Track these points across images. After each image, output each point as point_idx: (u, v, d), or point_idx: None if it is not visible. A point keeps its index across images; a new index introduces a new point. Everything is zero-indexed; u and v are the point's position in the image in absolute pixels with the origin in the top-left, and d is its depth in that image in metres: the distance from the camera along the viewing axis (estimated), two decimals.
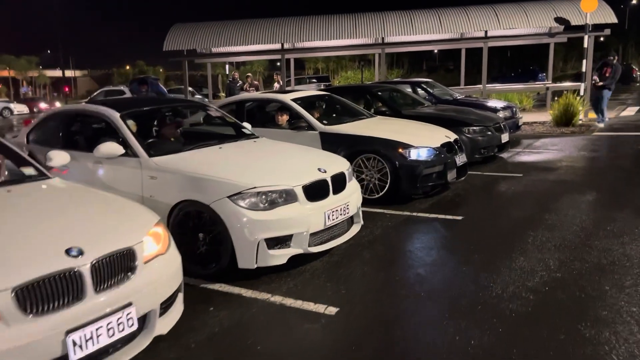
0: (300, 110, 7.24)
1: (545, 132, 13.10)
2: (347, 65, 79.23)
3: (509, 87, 18.80)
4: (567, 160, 8.99)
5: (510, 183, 7.48)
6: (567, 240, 4.87)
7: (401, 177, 6.46)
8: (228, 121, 6.15)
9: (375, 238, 5.28)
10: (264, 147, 5.36)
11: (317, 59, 72.69)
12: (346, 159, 6.67)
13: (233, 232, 4.20)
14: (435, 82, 13.23)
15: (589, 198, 6.38)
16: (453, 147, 7.03)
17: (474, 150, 8.66)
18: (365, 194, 6.72)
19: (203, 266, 4.42)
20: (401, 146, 6.53)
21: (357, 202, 5.07)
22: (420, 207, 6.38)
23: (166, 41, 16.05)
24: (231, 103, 8.00)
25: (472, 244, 4.97)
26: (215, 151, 5.00)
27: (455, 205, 6.44)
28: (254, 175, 4.42)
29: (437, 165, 6.64)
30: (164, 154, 4.85)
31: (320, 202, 4.54)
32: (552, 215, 5.70)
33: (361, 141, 6.75)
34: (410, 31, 15.66)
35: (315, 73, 72.74)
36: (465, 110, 9.59)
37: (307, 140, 7.01)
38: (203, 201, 4.28)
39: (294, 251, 4.39)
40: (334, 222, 4.64)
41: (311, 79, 37.57)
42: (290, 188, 4.38)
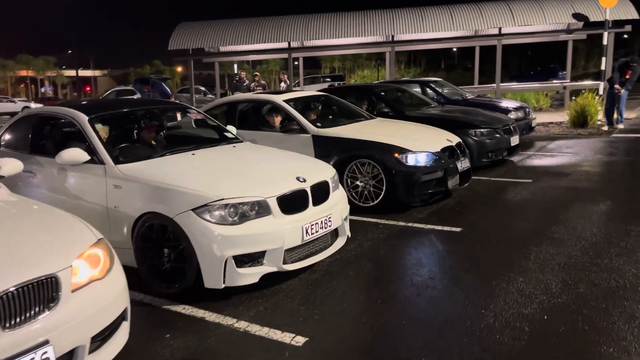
0: (292, 112, 6.84)
1: (561, 133, 12.51)
2: (364, 64, 78.81)
3: (524, 87, 18.18)
4: (581, 165, 8.45)
5: (517, 190, 6.98)
6: (573, 258, 4.39)
7: (397, 184, 6.02)
8: (210, 124, 5.76)
9: (363, 252, 4.86)
10: (242, 153, 4.97)
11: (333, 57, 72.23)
12: (340, 164, 6.35)
13: (198, 249, 3.81)
14: (444, 82, 12.72)
15: (602, 208, 5.87)
16: (455, 152, 6.56)
17: (480, 153, 8.17)
18: (360, 202, 6.30)
19: (168, 284, 4.04)
20: (397, 151, 6.09)
21: (342, 213, 4.64)
22: (418, 216, 5.93)
23: (171, 40, 15.78)
24: (223, 104, 7.63)
25: (469, 260, 4.52)
26: (187, 158, 4.62)
27: (455, 214, 5.97)
28: (224, 185, 4.03)
29: (436, 171, 6.18)
30: (132, 160, 4.49)
31: (298, 215, 4.13)
32: (559, 227, 5.21)
33: (355, 145, 6.32)
34: (421, 28, 15.15)
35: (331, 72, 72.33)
36: (472, 111, 9.10)
37: (299, 143, 6.61)
38: (166, 214, 3.90)
39: (267, 269, 3.98)
40: (314, 236, 4.23)
41: (325, 78, 37.14)
42: (262, 199, 3.98)
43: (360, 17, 15.53)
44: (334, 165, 6.29)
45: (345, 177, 6.35)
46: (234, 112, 7.41)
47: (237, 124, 7.28)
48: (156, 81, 13.74)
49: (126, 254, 4.23)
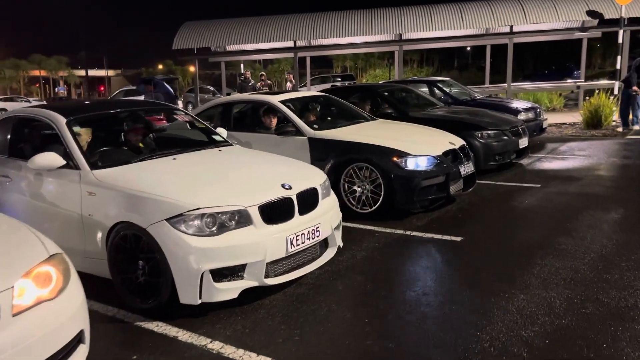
0: (288, 113, 6.56)
1: (574, 134, 12.10)
2: (376, 63, 78.30)
3: (536, 86, 17.73)
4: (593, 168, 8.07)
5: (524, 195, 6.63)
6: (580, 273, 4.06)
7: (395, 189, 5.72)
8: (198, 126, 5.51)
9: (355, 263, 4.56)
10: (227, 158, 4.70)
11: (345, 56, 71.84)
12: (336, 168, 6.07)
13: (172, 262, 3.55)
14: (453, 81, 12.36)
15: (614, 216, 5.51)
16: (458, 155, 6.24)
17: (487, 156, 7.83)
18: (358, 207, 6.01)
19: (142, 299, 3.79)
20: (396, 154, 5.78)
21: (332, 221, 4.36)
22: (417, 224, 5.62)
23: (176, 40, 15.59)
24: (218, 105, 7.38)
25: (467, 273, 4.21)
26: (167, 163, 4.36)
27: (457, 222, 5.66)
28: (201, 193, 3.76)
29: (437, 176, 5.86)
30: (109, 165, 4.24)
31: (282, 225, 3.86)
32: (567, 238, 4.87)
33: (352, 148, 6.03)
34: (430, 27, 14.80)
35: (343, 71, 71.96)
36: (479, 112, 8.75)
37: (295, 146, 6.34)
38: (139, 224, 3.65)
39: (247, 284, 3.71)
40: (300, 247, 3.95)
41: (336, 78, 36.79)
42: (243, 209, 3.70)
43: (368, 15, 15.20)
44: (331, 169, 6.05)
45: (342, 182, 6.07)
46: (229, 113, 7.16)
47: (232, 125, 7.06)
48: (159, 81, 13.60)
49: (101, 265, 4.00)
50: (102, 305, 3.91)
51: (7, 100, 41.79)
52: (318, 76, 38.97)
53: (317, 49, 16.57)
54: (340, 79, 36.00)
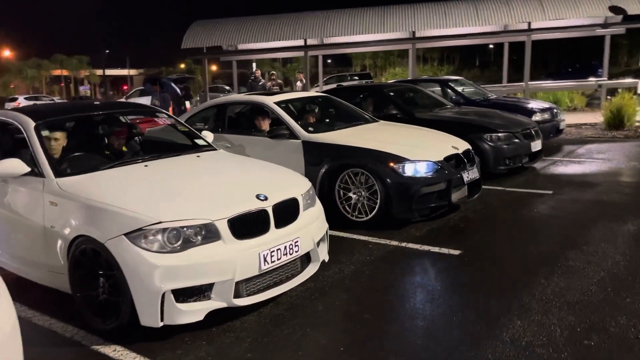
0: (282, 115, 6.23)
1: (594, 136, 11.54)
2: (395, 61, 77.53)
3: (555, 85, 17.09)
4: (612, 173, 7.57)
5: (534, 203, 6.20)
6: (587, 295, 3.65)
7: (392, 197, 5.35)
8: (180, 130, 5.21)
9: (342, 279, 4.21)
10: (204, 165, 4.37)
11: (364, 55, 71.24)
12: (331, 174, 5.72)
13: (131, 281, 3.25)
14: (466, 80, 11.90)
15: (630, 228, 5.06)
16: (462, 160, 5.83)
17: (497, 160, 7.41)
18: (353, 216, 5.66)
19: (103, 319, 3.49)
20: (393, 159, 5.41)
21: (315, 234, 4.02)
22: (415, 234, 5.25)
23: (185, 39, 15.38)
24: (213, 106, 7.08)
25: (462, 294, 3.83)
26: (136, 171, 4.06)
27: (457, 233, 5.26)
28: (165, 205, 3.45)
29: (438, 183, 5.48)
30: (75, 173, 3.97)
31: (254, 240, 3.53)
32: (576, 253, 4.45)
33: (347, 152, 5.67)
34: (444, 24, 14.33)
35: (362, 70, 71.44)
36: (489, 114, 8.31)
37: (288, 150, 6.02)
38: (97, 238, 3.35)
39: (214, 305, 3.39)
40: (276, 264, 3.61)
41: (353, 76, 36.32)
42: (209, 222, 3.38)
43: (380, 12, 14.79)
44: (325, 175, 5.71)
45: (337, 188, 5.72)
46: (223, 115, 6.87)
47: (226, 127, 6.77)
48: (165, 81, 13.36)
49: (64, 280, 3.72)
50: (63, 324, 3.64)
51: (32, 99, 42.33)
52: (334, 75, 38.62)
53: (328, 47, 16.21)
54: (357, 78, 35.54)
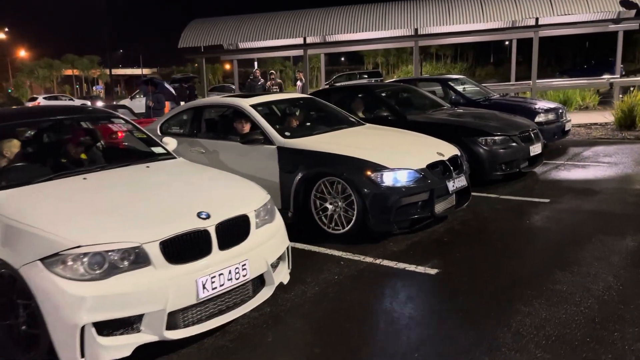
0: (257, 119, 5.84)
1: (603, 137, 10.98)
2: (408, 59, 76.72)
3: (564, 83, 16.47)
4: (616, 180, 7.06)
5: (528, 213, 5.74)
6: (570, 327, 3.20)
7: (369, 208, 4.93)
8: (137, 137, 4.84)
9: (302, 303, 3.82)
10: (149, 177, 3.99)
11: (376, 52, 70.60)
12: (307, 182, 5.32)
13: (46, 312, 2.89)
14: (467, 79, 11.42)
15: (628, 244, 4.59)
16: (448, 168, 5.39)
17: (492, 165, 6.95)
18: (330, 228, 5.26)
19: (24, 351, 3.14)
20: (370, 167, 5.00)
21: (271, 255, 3.64)
22: (393, 249, 4.83)
23: (182, 38, 15.06)
24: (189, 109, 6.71)
25: (429, 323, 3.42)
26: (72, 184, 3.70)
27: (439, 248, 4.83)
28: (89, 226, 3.08)
29: (420, 193, 5.05)
30: (4, 187, 3.62)
31: (192, 265, 3.15)
32: (565, 274, 4.00)
33: (323, 160, 5.27)
34: (448, 20, 13.82)
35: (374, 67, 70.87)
36: (486, 115, 7.84)
37: (262, 157, 5.64)
38: (12, 263, 3.00)
39: (144, 338, 3.02)
40: (218, 290, 3.23)
41: (362, 75, 35.87)
42: (138, 245, 3.01)
43: (381, 9, 14.31)
44: (300, 183, 5.32)
45: (312, 198, 5.32)
46: (199, 118, 6.50)
47: (202, 131, 6.41)
48: (160, 82, 13.09)
49: None
50: None
51: (52, 98, 42.67)
52: (343, 74, 38.20)
53: (329, 45, 15.77)
54: (366, 76, 35.06)
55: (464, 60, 78.84)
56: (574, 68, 46.97)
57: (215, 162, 6.03)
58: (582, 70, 38.53)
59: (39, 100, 40.19)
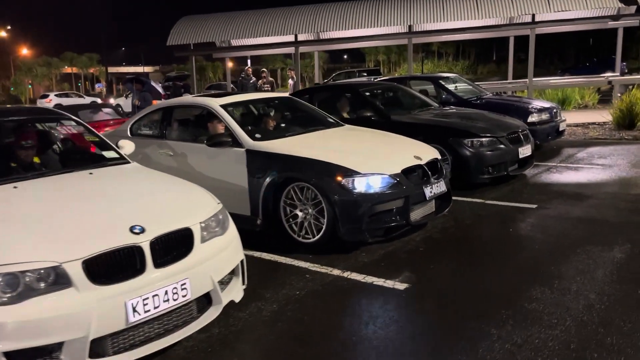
0: (227, 120, 5.53)
1: (599, 137, 10.63)
2: None
3: (562, 82, 16.11)
4: (609, 183, 6.72)
5: (513, 220, 5.42)
6: (544, 354, 2.88)
7: (339, 216, 4.62)
8: (90, 140, 4.53)
9: (255, 323, 3.50)
10: (90, 186, 3.67)
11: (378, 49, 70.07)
12: (276, 188, 5.01)
13: None
14: (459, 77, 11.08)
15: (616, 256, 4.26)
16: (426, 173, 5.06)
17: (478, 168, 6.63)
18: (300, 236, 4.94)
19: None
20: (341, 172, 4.67)
21: (219, 270, 3.33)
22: (364, 260, 4.52)
23: (171, 36, 14.75)
24: (159, 109, 6.39)
25: (385, 351, 3.09)
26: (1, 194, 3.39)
27: (413, 259, 4.51)
28: (6, 242, 2.77)
29: (394, 200, 4.73)
30: None
31: (120, 285, 2.84)
32: (544, 290, 3.68)
33: (292, 164, 4.95)
34: (442, 17, 13.49)
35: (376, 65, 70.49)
36: (473, 116, 7.51)
37: (230, 160, 5.33)
38: None
39: None
40: (153, 313, 2.92)
41: (362, 72, 35.45)
42: (57, 264, 2.70)
43: (374, 5, 13.97)
44: (268, 188, 5.00)
45: (282, 204, 5.00)
46: (169, 119, 6.18)
47: (171, 133, 6.10)
48: (147, 80, 12.79)
49: None
50: None
51: (63, 95, 42.60)
52: (342, 71, 37.82)
53: (320, 43, 15.45)
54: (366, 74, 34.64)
55: (466, 57, 78.27)
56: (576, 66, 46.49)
57: (183, 166, 5.73)
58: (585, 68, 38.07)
59: (51, 97, 40.18)
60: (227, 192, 5.36)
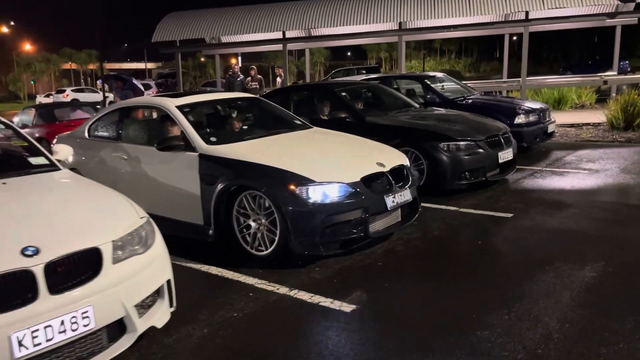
0: (182, 122, 5.19)
1: (592, 139, 10.24)
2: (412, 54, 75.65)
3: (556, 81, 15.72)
4: (594, 190, 6.36)
5: (484, 232, 5.07)
6: None
7: (291, 228, 4.28)
8: (19, 144, 4.21)
9: (180, 352, 3.17)
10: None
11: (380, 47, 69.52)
12: (229, 196, 4.68)
13: None
14: (447, 77, 10.71)
15: (586, 275, 3.90)
16: (389, 181, 4.71)
17: (454, 173, 6.28)
18: (253, 248, 4.61)
19: None
20: (295, 181, 4.33)
21: (135, 294, 2.99)
22: (316, 275, 4.18)
23: (156, 32, 14.42)
24: (115, 111, 6.06)
25: None
26: None
27: (367, 276, 4.17)
28: None
29: (351, 211, 4.38)
30: None
31: (5, 316, 2.51)
32: (500, 315, 3.33)
33: (244, 170, 4.61)
34: (433, 14, 13.10)
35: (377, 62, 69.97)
36: (452, 118, 7.15)
37: (182, 166, 5.00)
38: None
39: None
40: (46, 347, 2.59)
41: (361, 70, 35.01)
42: None
43: (364, 2, 13.58)
44: (220, 196, 4.66)
45: (234, 214, 4.67)
46: (125, 120, 5.85)
47: (127, 135, 5.77)
48: (128, 78, 12.46)
49: None
50: None
51: (78, 91, 42.62)
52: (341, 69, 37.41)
53: (308, 40, 15.07)
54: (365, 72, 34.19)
55: (469, 55, 77.66)
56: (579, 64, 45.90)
57: (136, 170, 5.42)
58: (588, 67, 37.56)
59: (67, 92, 40.18)
60: (179, 199, 5.05)
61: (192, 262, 4.62)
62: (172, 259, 4.35)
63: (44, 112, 10.90)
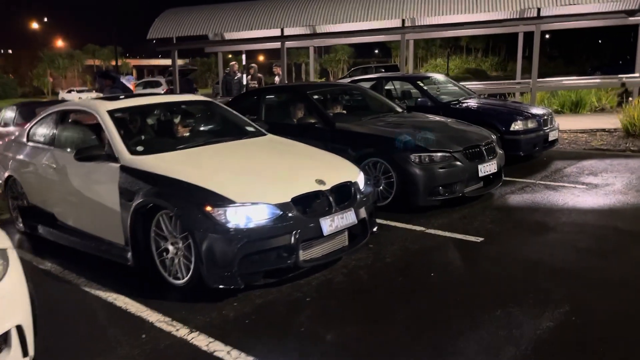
0: (108, 128, 4.67)
1: (601, 147, 9.38)
2: (437, 52, 74.15)
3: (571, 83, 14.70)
4: (585, 210, 5.60)
5: (443, 259, 4.41)
6: None
7: (202, 257, 3.70)
8: None
9: None
10: None
11: None
12: (145, 215, 4.12)
13: None
14: (444, 78, 10.01)
15: (542, 326, 3.22)
16: (328, 201, 4.09)
17: (427, 188, 5.62)
18: (171, 276, 4.05)
19: None
20: (211, 201, 3.76)
21: None
22: (229, 313, 3.60)
23: (152, 29, 14.00)
24: (53, 113, 5.55)
25: None
26: None
27: (290, 315, 3.55)
28: None
29: (278, 236, 3.78)
30: None
31: None
32: None
33: (161, 186, 4.06)
34: (439, 11, 12.34)
35: None
36: (431, 125, 6.43)
37: (103, 178, 4.49)
38: None
39: None
40: None
41: (379, 68, 34.22)
42: None
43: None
44: (136, 215, 4.10)
45: (152, 235, 4.11)
46: (60, 125, 5.37)
47: (61, 141, 5.29)
48: (116, 76, 12.04)
49: None
50: None
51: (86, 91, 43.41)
52: (359, 66, 36.70)
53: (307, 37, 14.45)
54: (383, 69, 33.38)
55: (496, 53, 75.70)
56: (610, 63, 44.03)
57: (63, 181, 4.94)
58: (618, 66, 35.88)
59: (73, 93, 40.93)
60: (101, 216, 4.53)
61: (101, 289, 4.08)
62: (83, 283, 3.87)
63: (24, 110, 10.54)
